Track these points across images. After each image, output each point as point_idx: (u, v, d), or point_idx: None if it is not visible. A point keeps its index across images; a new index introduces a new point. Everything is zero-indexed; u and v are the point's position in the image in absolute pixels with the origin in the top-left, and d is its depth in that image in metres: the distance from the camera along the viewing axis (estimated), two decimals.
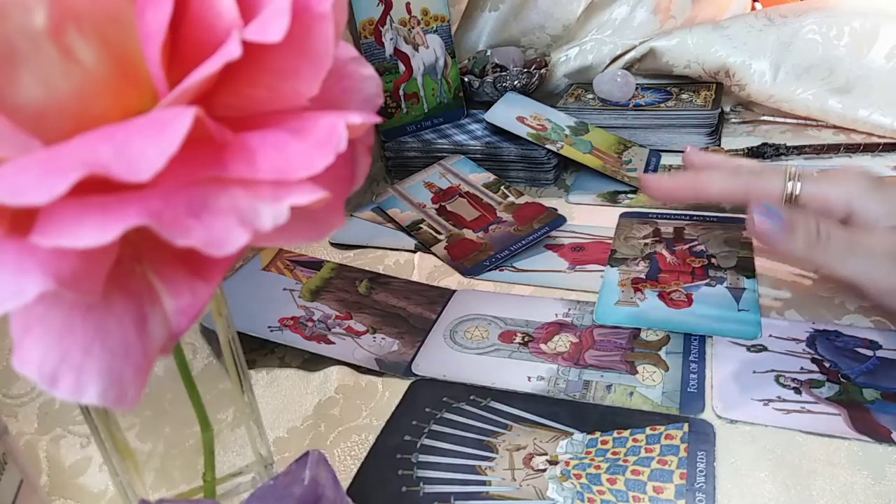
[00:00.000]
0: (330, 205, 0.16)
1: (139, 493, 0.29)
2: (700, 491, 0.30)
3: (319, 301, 0.46)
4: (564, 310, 0.43)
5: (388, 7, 0.62)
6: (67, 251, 0.12)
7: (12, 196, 0.12)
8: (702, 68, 0.68)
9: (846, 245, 0.35)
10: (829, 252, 0.36)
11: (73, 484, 0.34)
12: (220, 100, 0.16)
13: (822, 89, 0.64)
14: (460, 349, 0.41)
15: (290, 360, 0.41)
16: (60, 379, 0.13)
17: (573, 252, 0.50)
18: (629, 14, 0.73)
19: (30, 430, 0.37)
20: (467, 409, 0.36)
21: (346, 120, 0.15)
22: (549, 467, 0.32)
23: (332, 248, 0.54)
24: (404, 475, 0.32)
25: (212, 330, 0.29)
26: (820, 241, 0.36)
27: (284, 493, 0.22)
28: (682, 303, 0.42)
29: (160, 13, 0.14)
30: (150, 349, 0.14)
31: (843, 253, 0.36)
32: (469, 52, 0.77)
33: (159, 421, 0.29)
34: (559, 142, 0.60)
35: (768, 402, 0.34)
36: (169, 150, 0.12)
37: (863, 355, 0.37)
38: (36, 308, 0.13)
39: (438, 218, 0.55)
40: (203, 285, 0.15)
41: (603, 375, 0.37)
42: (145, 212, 0.12)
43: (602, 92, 0.68)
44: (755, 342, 0.39)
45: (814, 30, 0.65)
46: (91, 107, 0.15)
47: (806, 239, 0.36)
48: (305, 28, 0.15)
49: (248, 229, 0.13)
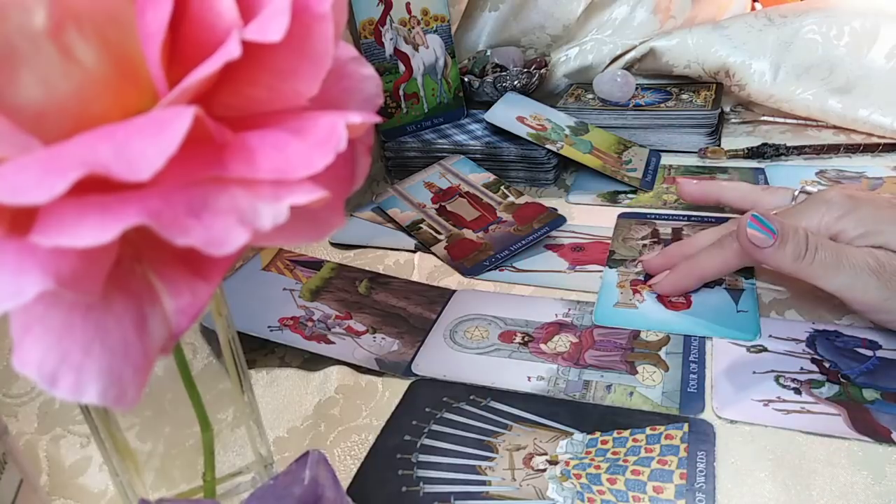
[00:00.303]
0: (330, 205, 0.16)
1: (139, 493, 0.29)
2: (700, 491, 0.30)
3: (319, 301, 0.46)
4: (564, 310, 0.43)
5: (388, 7, 0.62)
6: (67, 251, 0.12)
7: (12, 195, 0.12)
8: (702, 68, 0.68)
9: (833, 260, 0.36)
10: (815, 265, 0.36)
11: (73, 484, 0.34)
12: (220, 100, 0.16)
13: (822, 89, 0.64)
14: (460, 349, 0.41)
15: (290, 360, 0.41)
16: (60, 379, 0.13)
17: (573, 252, 0.50)
18: (629, 14, 0.73)
19: (30, 430, 0.37)
20: (467, 408, 0.36)
21: (346, 120, 0.15)
22: (549, 467, 0.32)
23: (332, 248, 0.54)
24: (404, 475, 0.32)
25: (212, 330, 0.29)
26: (808, 254, 0.36)
27: (284, 493, 0.22)
28: (680, 304, 0.42)
29: (160, 13, 0.14)
30: (150, 349, 0.14)
31: (829, 267, 0.36)
32: (469, 52, 0.77)
33: (159, 421, 0.29)
34: (559, 142, 0.60)
35: (768, 403, 0.34)
36: (169, 149, 0.12)
37: (863, 355, 0.37)
38: (36, 308, 0.13)
39: (438, 218, 0.55)
40: (203, 285, 0.15)
41: (603, 375, 0.37)
42: (145, 211, 0.12)
43: (602, 92, 0.68)
44: (755, 342, 0.39)
45: (814, 30, 0.65)
46: (91, 107, 0.15)
47: (794, 252, 0.37)
48: (305, 28, 0.15)
49: (248, 229, 0.13)
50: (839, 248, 0.37)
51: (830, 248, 0.37)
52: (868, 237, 0.37)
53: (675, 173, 0.60)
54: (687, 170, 0.61)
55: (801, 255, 0.36)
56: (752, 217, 0.37)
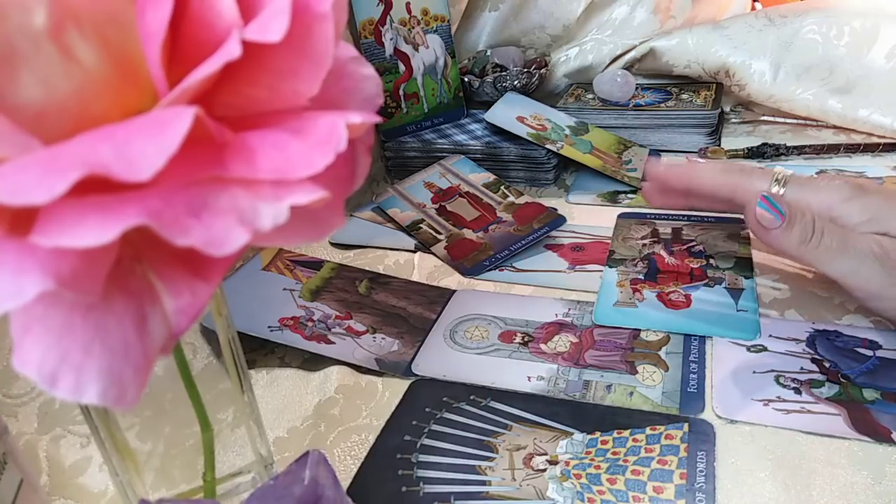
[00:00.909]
0: (330, 205, 0.16)
1: (139, 493, 0.29)
2: (700, 491, 0.30)
3: (319, 301, 0.46)
4: (564, 310, 0.43)
5: (388, 7, 0.62)
6: (67, 251, 0.12)
7: (12, 195, 0.12)
8: (702, 68, 0.68)
9: (839, 245, 0.36)
10: (820, 249, 0.36)
11: (73, 484, 0.34)
12: (220, 99, 0.16)
13: (822, 89, 0.64)
14: (460, 349, 0.41)
15: (290, 360, 0.41)
16: (60, 379, 0.13)
17: (573, 252, 0.50)
18: (629, 14, 0.73)
19: (30, 430, 0.37)
20: (467, 408, 0.36)
21: (346, 120, 0.15)
22: (549, 467, 0.32)
23: (332, 248, 0.54)
24: (404, 475, 0.32)
25: (212, 330, 0.29)
26: (814, 238, 0.36)
27: (284, 493, 0.22)
28: (680, 304, 0.42)
29: (160, 13, 0.14)
30: (150, 349, 0.14)
31: (833, 252, 0.36)
32: (469, 52, 0.77)
33: (159, 421, 0.29)
34: (559, 142, 0.60)
35: (768, 403, 0.34)
36: (169, 149, 0.12)
37: (863, 355, 0.37)
38: (36, 308, 0.13)
39: (438, 218, 0.55)
40: (203, 285, 0.15)
41: (603, 375, 0.37)
42: (145, 211, 0.12)
43: (602, 92, 0.68)
44: (755, 342, 0.39)
45: (814, 30, 0.65)
46: (91, 107, 0.15)
47: (801, 236, 0.36)
48: (305, 28, 0.15)
49: (248, 229, 0.13)
50: (844, 234, 0.36)
51: (836, 233, 0.36)
52: (873, 223, 0.36)
53: None
54: None
55: (807, 239, 0.36)
56: (763, 197, 0.37)
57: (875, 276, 0.36)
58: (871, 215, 0.37)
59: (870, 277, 0.36)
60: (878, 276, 0.35)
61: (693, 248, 0.48)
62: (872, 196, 0.37)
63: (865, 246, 0.36)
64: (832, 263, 0.36)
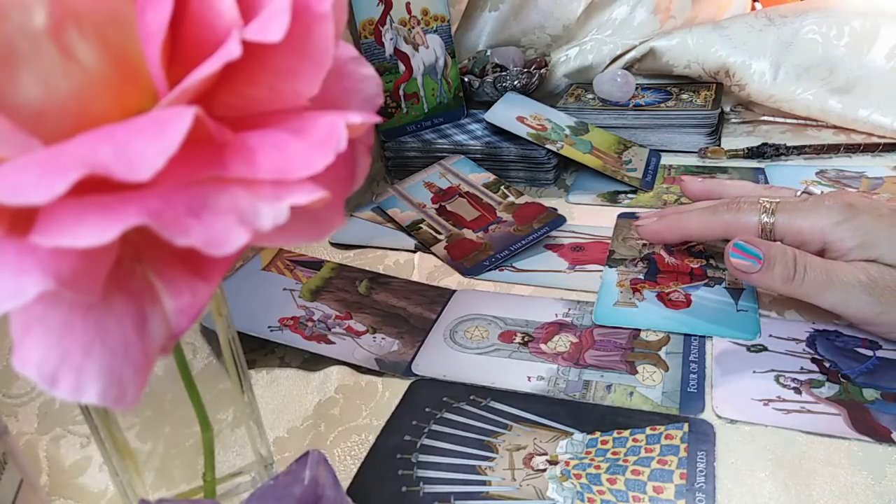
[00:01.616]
0: (330, 205, 0.16)
1: (139, 493, 0.29)
2: (700, 491, 0.30)
3: (319, 301, 0.46)
4: (564, 310, 0.43)
5: (388, 7, 0.62)
6: (67, 251, 0.12)
7: (12, 195, 0.12)
8: (702, 68, 0.68)
9: (823, 278, 0.36)
10: (805, 285, 0.37)
11: (73, 484, 0.34)
12: (220, 99, 0.16)
13: (822, 89, 0.64)
14: (460, 349, 0.41)
15: (290, 360, 0.41)
16: (60, 379, 0.13)
17: (573, 252, 0.50)
18: (629, 14, 0.73)
19: (30, 430, 0.37)
20: (467, 409, 0.36)
21: (346, 120, 0.15)
22: (549, 467, 0.32)
23: (332, 248, 0.54)
24: (404, 475, 0.32)
25: (212, 330, 0.28)
26: (797, 275, 0.37)
27: (284, 493, 0.22)
28: (680, 303, 0.42)
29: (160, 13, 0.14)
30: (150, 349, 0.14)
31: (820, 286, 0.36)
32: (469, 52, 0.77)
33: (159, 421, 0.29)
34: (559, 142, 0.60)
35: (768, 402, 0.34)
36: (169, 149, 0.12)
37: (863, 355, 0.37)
38: (36, 308, 0.13)
39: (438, 218, 0.55)
40: (203, 285, 0.15)
41: (603, 375, 0.37)
42: (145, 211, 0.12)
43: (602, 92, 0.68)
44: (755, 342, 0.39)
45: (814, 30, 0.65)
46: (91, 107, 0.15)
47: (783, 274, 0.37)
48: (305, 28, 0.15)
49: (248, 229, 0.13)
50: (828, 266, 0.37)
51: (819, 266, 0.37)
52: (864, 249, 0.36)
53: (675, 173, 0.60)
54: (687, 170, 0.61)
55: (790, 278, 0.37)
56: (734, 247, 0.38)
57: (864, 305, 0.36)
58: (862, 239, 0.36)
59: (860, 307, 0.36)
60: (868, 305, 0.36)
61: (693, 248, 0.48)
62: (862, 216, 0.37)
63: (852, 276, 0.36)
64: (820, 297, 0.37)
